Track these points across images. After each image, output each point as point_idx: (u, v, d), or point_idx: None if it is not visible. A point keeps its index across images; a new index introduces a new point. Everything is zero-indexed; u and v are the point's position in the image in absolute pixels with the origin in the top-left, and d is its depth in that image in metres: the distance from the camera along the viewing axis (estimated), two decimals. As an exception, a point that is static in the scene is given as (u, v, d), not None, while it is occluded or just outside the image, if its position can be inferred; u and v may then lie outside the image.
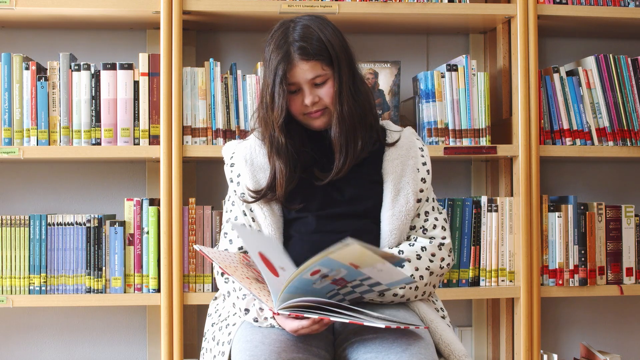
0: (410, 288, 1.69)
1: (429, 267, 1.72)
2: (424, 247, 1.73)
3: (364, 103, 1.76)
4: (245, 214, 1.75)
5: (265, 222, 1.73)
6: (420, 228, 1.77)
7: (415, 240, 1.75)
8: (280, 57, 1.69)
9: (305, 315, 1.45)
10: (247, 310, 1.64)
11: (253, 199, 1.73)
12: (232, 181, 1.79)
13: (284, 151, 1.71)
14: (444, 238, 1.77)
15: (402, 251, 1.71)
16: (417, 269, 1.70)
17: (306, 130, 1.77)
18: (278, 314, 1.49)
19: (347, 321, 1.45)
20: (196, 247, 1.63)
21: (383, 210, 1.75)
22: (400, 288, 1.68)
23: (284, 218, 1.75)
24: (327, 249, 1.40)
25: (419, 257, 1.71)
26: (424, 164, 1.79)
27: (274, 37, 1.73)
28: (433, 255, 1.73)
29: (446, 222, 1.80)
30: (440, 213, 1.80)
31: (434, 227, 1.77)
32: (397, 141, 1.79)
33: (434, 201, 1.81)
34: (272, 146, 1.72)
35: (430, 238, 1.76)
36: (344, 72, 1.72)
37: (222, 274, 1.73)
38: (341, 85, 1.72)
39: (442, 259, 1.74)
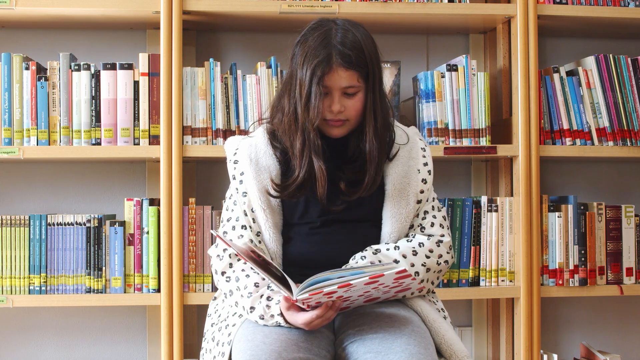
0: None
1: (425, 263, 1.71)
2: (422, 243, 1.73)
3: (386, 121, 1.75)
4: (246, 214, 1.74)
5: (266, 225, 1.72)
6: (419, 226, 1.77)
7: (413, 237, 1.75)
8: (320, 57, 1.65)
9: (325, 290, 1.46)
10: (252, 308, 1.63)
11: (277, 194, 1.71)
12: (234, 178, 1.77)
13: (320, 151, 1.68)
14: (442, 236, 1.76)
15: (398, 247, 1.71)
16: (412, 265, 1.70)
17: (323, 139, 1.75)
18: (296, 300, 1.50)
19: (367, 278, 1.45)
20: (213, 231, 1.64)
21: (384, 211, 1.75)
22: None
23: (284, 220, 1.75)
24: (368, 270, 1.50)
25: (414, 253, 1.71)
26: (425, 164, 1.79)
27: (314, 35, 1.68)
28: (430, 251, 1.73)
29: (445, 220, 1.80)
30: (439, 211, 1.80)
31: (432, 225, 1.77)
32: (396, 154, 1.77)
33: (434, 200, 1.81)
34: (307, 147, 1.68)
35: (428, 236, 1.76)
36: (377, 88, 1.71)
37: (223, 273, 1.72)
38: (375, 100, 1.70)
39: (440, 256, 1.74)
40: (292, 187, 1.70)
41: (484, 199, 2.41)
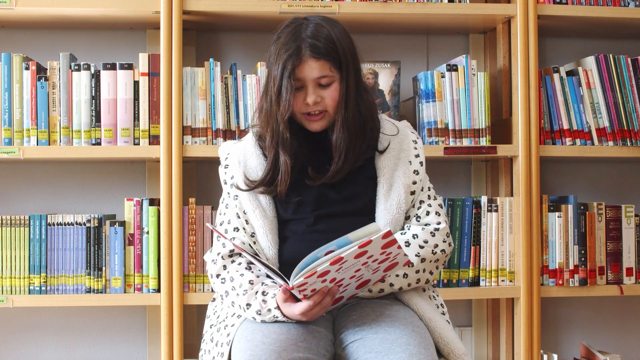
0: (397, 276, 1.69)
1: (419, 253, 1.71)
2: (416, 235, 1.73)
3: (366, 113, 1.75)
4: (238, 217, 1.74)
5: (257, 224, 1.73)
6: (414, 216, 1.77)
7: (408, 229, 1.75)
8: (290, 51, 1.67)
9: (318, 270, 1.46)
10: (248, 305, 1.63)
11: (247, 188, 1.73)
12: (225, 183, 1.79)
13: (288, 145, 1.70)
14: (438, 223, 1.76)
15: None
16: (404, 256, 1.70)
17: (303, 131, 1.77)
18: (292, 288, 1.51)
19: (356, 248, 1.46)
20: (209, 225, 1.65)
21: (377, 204, 1.75)
22: (387, 275, 1.68)
23: (278, 219, 1.75)
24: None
25: (408, 244, 1.71)
26: (417, 156, 1.79)
27: (285, 32, 1.72)
28: (425, 242, 1.73)
29: (441, 207, 1.79)
30: (435, 199, 1.80)
31: (427, 213, 1.77)
32: (387, 147, 1.78)
33: (429, 190, 1.81)
34: (275, 140, 1.71)
35: (424, 225, 1.76)
36: (351, 78, 1.72)
37: (218, 276, 1.73)
38: (348, 91, 1.71)
39: (436, 245, 1.74)
40: (259, 181, 1.72)
41: (484, 199, 2.41)
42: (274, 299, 1.59)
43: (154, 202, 2.37)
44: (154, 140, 2.30)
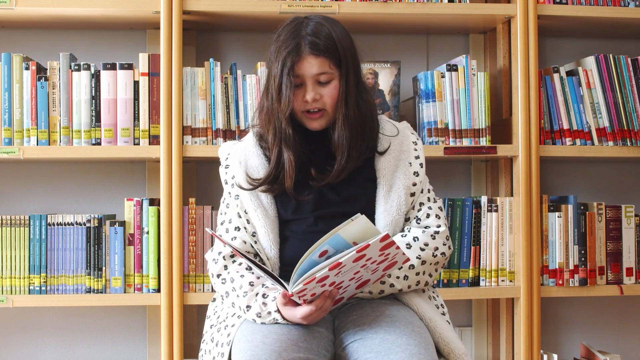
0: (398, 277, 1.69)
1: (419, 255, 1.71)
2: (416, 237, 1.73)
3: (366, 112, 1.76)
4: (239, 216, 1.75)
5: (259, 224, 1.73)
6: (414, 218, 1.77)
7: (408, 231, 1.75)
8: (290, 48, 1.68)
9: (317, 276, 1.46)
10: (248, 307, 1.63)
11: (250, 187, 1.73)
12: (226, 183, 1.79)
13: (291, 142, 1.71)
14: (438, 226, 1.76)
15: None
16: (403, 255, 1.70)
17: (303, 130, 1.77)
18: (292, 295, 1.51)
19: (354, 252, 1.45)
20: (208, 230, 1.65)
21: (377, 205, 1.75)
22: (388, 277, 1.68)
23: (279, 219, 1.75)
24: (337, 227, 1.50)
25: (409, 247, 1.71)
26: (417, 157, 1.79)
27: (285, 30, 1.73)
28: (426, 244, 1.73)
29: (441, 210, 1.80)
30: (435, 202, 1.80)
31: (427, 216, 1.77)
32: (388, 149, 1.78)
33: (429, 192, 1.81)
34: (277, 137, 1.71)
35: (424, 227, 1.76)
36: (350, 77, 1.73)
37: (219, 276, 1.73)
38: (348, 89, 1.72)
39: (436, 248, 1.74)
40: (263, 180, 1.72)
41: (484, 199, 2.41)
42: (274, 302, 1.59)
43: (154, 202, 2.37)
44: (154, 140, 2.30)
